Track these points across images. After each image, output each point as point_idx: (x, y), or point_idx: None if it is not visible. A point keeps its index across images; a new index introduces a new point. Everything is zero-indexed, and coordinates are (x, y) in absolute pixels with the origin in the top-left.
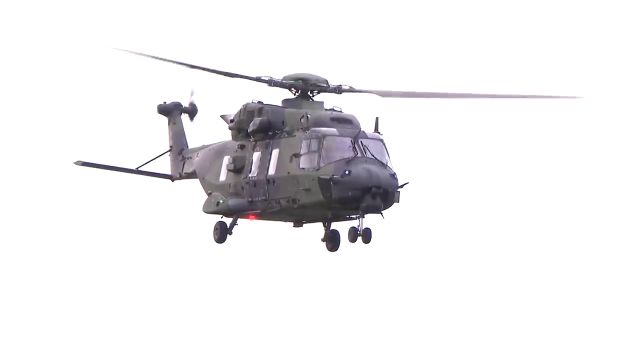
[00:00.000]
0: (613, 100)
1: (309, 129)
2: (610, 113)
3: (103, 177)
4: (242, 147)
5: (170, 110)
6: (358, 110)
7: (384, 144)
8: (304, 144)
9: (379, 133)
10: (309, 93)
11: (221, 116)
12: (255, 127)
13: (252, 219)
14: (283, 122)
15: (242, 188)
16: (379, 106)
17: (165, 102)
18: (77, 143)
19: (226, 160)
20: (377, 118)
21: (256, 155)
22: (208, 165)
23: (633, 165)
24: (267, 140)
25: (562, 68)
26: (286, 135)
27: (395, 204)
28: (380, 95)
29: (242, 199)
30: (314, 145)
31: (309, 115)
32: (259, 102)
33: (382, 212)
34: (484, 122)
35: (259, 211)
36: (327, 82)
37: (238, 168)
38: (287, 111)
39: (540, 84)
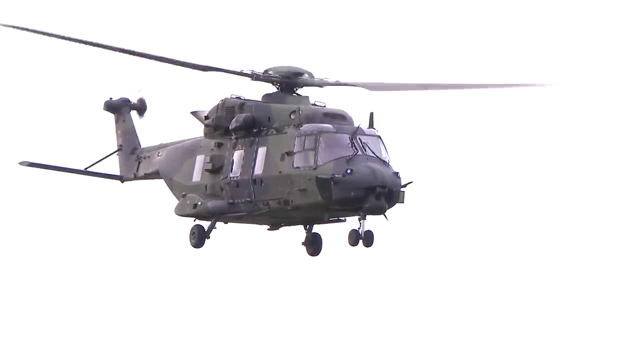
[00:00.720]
0: (588, 88)
1: (301, 125)
2: (586, 100)
3: (48, 178)
4: (219, 145)
5: (119, 107)
6: (341, 105)
7: (382, 141)
8: (297, 141)
9: (375, 129)
10: (292, 88)
11: (192, 113)
12: (239, 124)
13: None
14: (269, 118)
15: (222, 189)
16: (362, 100)
17: (111, 98)
18: (17, 142)
19: (200, 159)
20: (371, 113)
21: (238, 154)
22: (176, 165)
23: (611, 153)
24: (252, 138)
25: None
26: (275, 132)
27: (399, 204)
28: (368, 89)
29: (222, 200)
30: (310, 142)
31: (301, 111)
32: (238, 97)
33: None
34: (468, 113)
35: (243, 214)
36: (313, 75)
37: (216, 168)
38: (274, 106)
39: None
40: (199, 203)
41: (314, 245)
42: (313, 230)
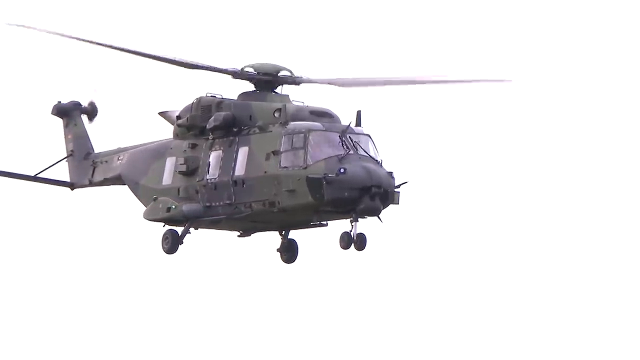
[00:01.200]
0: (541, 84)
1: (287, 124)
2: (539, 96)
3: None
4: (193, 146)
5: (69, 111)
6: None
7: (372, 140)
8: (284, 139)
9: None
10: (270, 86)
11: (160, 113)
12: (218, 123)
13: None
14: (251, 116)
15: (197, 192)
16: (333, 97)
17: (60, 102)
18: None
19: (171, 161)
20: (359, 111)
21: (215, 155)
22: (142, 169)
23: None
24: (231, 138)
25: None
26: (258, 131)
27: (393, 206)
28: (338, 86)
29: (197, 204)
30: (298, 141)
31: (286, 109)
32: (213, 95)
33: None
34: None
35: (222, 217)
36: (293, 72)
37: (191, 170)
38: (255, 104)
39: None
40: (173, 207)
41: (289, 251)
42: (289, 237)
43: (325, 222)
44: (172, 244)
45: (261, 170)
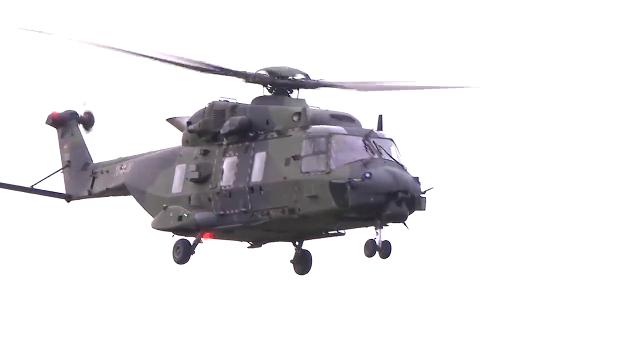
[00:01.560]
0: (509, 90)
1: (308, 127)
2: (507, 102)
3: None
4: (205, 152)
5: (65, 121)
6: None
7: (395, 144)
8: (305, 144)
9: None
10: (286, 89)
11: (169, 119)
12: (233, 128)
13: (207, 237)
14: (268, 121)
15: (209, 200)
16: (350, 102)
17: (54, 111)
18: None
19: (181, 169)
20: (380, 115)
21: (229, 161)
22: (149, 177)
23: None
24: (247, 143)
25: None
26: (276, 136)
27: (419, 212)
28: (358, 90)
29: (210, 212)
30: (320, 145)
31: (307, 112)
32: (226, 100)
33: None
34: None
35: (238, 225)
36: (309, 76)
37: (203, 177)
38: (273, 108)
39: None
40: (185, 215)
41: (303, 263)
42: (302, 247)
43: (343, 231)
44: (183, 254)
45: (280, 175)
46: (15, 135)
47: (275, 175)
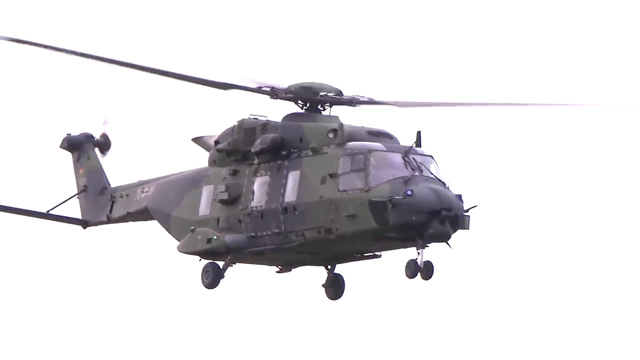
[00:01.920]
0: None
1: (344, 144)
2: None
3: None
4: (234, 172)
5: (81, 144)
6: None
7: (435, 161)
8: (343, 161)
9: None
10: (319, 106)
11: (194, 139)
12: (265, 146)
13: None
14: (301, 138)
15: (240, 221)
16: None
17: (69, 134)
18: None
19: (209, 190)
20: (419, 132)
21: (260, 181)
22: (174, 199)
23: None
24: (279, 162)
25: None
26: (311, 153)
27: (462, 230)
28: (398, 107)
29: (241, 234)
30: (358, 162)
31: (343, 129)
32: (255, 117)
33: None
34: (509, 131)
35: (270, 247)
36: (341, 92)
37: (233, 198)
38: (307, 125)
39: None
40: (214, 238)
41: (335, 287)
42: (334, 271)
43: (379, 253)
44: (213, 277)
45: (316, 194)
46: (29, 159)
47: (311, 195)
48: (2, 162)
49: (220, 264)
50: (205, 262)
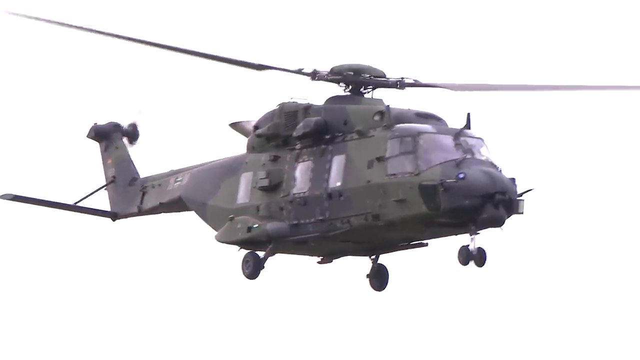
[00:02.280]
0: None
1: (392, 127)
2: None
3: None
4: (275, 158)
5: (108, 134)
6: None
7: (486, 144)
8: (390, 144)
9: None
10: (362, 89)
11: (232, 125)
12: (308, 130)
13: None
14: (346, 121)
15: (281, 209)
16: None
17: (96, 124)
18: None
19: (247, 177)
20: (468, 114)
21: (303, 167)
22: (210, 188)
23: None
24: (322, 146)
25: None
26: (356, 137)
27: (516, 215)
28: (452, 90)
29: (283, 222)
30: (407, 145)
31: (390, 111)
32: (295, 101)
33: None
34: (572, 116)
35: (314, 235)
36: (385, 74)
37: (274, 184)
38: (351, 108)
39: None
40: (255, 226)
41: (380, 277)
42: (378, 261)
43: (426, 242)
44: (254, 268)
45: (363, 179)
46: (56, 149)
47: (357, 180)
48: (28, 152)
49: (261, 253)
50: (244, 252)
